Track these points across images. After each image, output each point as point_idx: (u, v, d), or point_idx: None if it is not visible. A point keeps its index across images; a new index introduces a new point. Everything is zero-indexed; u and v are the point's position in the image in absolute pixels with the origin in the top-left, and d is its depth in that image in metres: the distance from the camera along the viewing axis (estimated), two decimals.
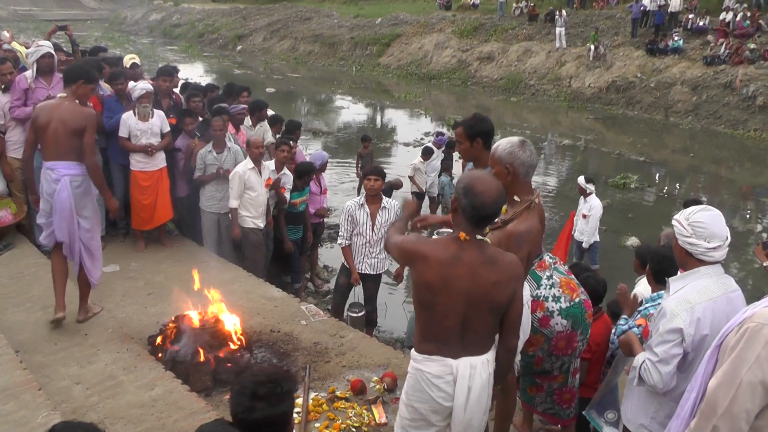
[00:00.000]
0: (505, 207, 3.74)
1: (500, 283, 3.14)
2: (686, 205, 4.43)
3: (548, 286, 4.21)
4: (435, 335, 3.24)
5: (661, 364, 3.12)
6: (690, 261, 3.20)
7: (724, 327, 2.81)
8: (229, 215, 7.54)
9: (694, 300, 3.10)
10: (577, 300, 4.20)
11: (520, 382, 4.66)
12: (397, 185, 10.53)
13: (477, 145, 4.47)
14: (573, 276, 4.41)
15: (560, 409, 4.61)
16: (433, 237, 4.73)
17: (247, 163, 7.33)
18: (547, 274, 4.27)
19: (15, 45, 8.78)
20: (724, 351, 2.70)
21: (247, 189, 7.30)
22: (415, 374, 3.32)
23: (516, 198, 3.69)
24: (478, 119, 4.60)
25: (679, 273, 3.36)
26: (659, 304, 3.97)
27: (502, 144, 3.74)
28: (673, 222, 3.23)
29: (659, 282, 4.51)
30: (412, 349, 3.38)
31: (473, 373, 3.22)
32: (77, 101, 5.47)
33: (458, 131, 4.63)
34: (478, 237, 3.16)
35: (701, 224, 3.11)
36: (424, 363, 3.28)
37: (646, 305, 4.32)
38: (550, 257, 4.36)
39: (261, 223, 7.51)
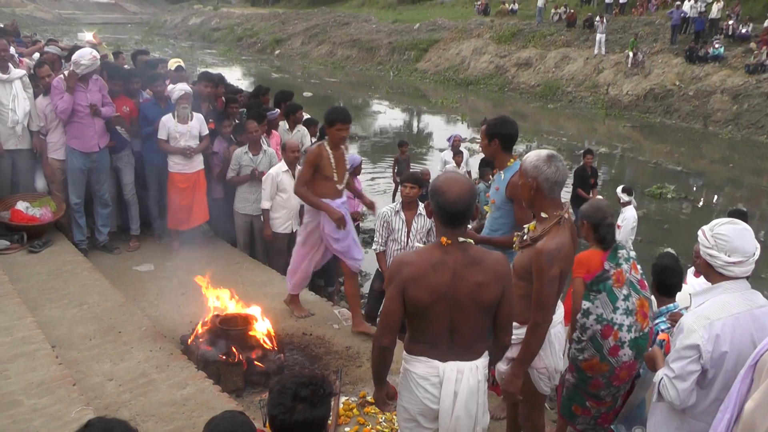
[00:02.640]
0: (533, 224, 3.69)
1: (486, 283, 3.13)
2: (730, 215, 4.33)
3: (624, 313, 4.16)
4: (424, 337, 3.24)
5: (678, 380, 3.05)
6: (712, 273, 3.12)
7: (760, 345, 2.73)
8: (261, 217, 7.59)
9: (713, 316, 3.01)
10: (645, 330, 4.21)
11: (564, 397, 4.59)
12: (425, 174, 10.47)
13: (494, 144, 4.75)
14: (646, 290, 4.39)
15: (600, 429, 4.56)
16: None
17: (281, 166, 7.37)
18: (624, 293, 4.22)
19: (102, 47, 9.03)
20: (760, 371, 2.63)
21: (279, 191, 7.34)
22: (404, 374, 3.35)
23: (543, 214, 3.60)
24: (501, 121, 4.81)
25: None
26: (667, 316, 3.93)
27: (530, 156, 3.64)
28: (699, 232, 3.16)
29: (662, 293, 4.46)
30: (404, 351, 3.38)
31: (460, 378, 3.21)
32: (325, 143, 5.81)
33: (482, 129, 5.00)
34: (461, 240, 3.14)
35: (724, 237, 3.03)
36: (411, 363, 3.29)
37: (657, 321, 4.30)
38: (625, 260, 4.34)
39: (292, 228, 7.52)
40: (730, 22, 25.58)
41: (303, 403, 2.37)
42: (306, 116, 9.37)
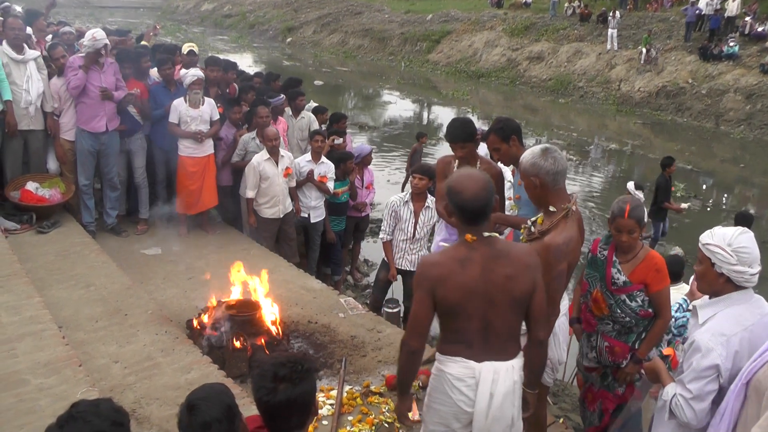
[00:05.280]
0: (540, 217, 3.67)
1: (515, 275, 3.06)
2: (737, 220, 4.25)
3: None
4: (458, 337, 3.15)
5: (696, 401, 2.94)
6: (727, 288, 3.00)
7: (749, 361, 2.70)
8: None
9: (729, 331, 2.91)
10: None
11: None
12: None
13: (514, 143, 4.53)
14: None
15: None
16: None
17: (263, 155, 7.41)
18: None
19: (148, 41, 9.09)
20: (758, 391, 2.59)
21: (262, 179, 7.39)
22: (438, 375, 3.24)
23: (551, 208, 3.57)
24: (504, 120, 4.65)
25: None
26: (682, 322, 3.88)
27: (526, 156, 3.61)
28: (713, 249, 2.99)
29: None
30: (436, 352, 3.31)
31: (496, 379, 3.12)
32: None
33: (491, 139, 4.61)
34: (485, 234, 3.09)
35: (746, 250, 2.93)
36: (446, 364, 3.20)
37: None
38: None
39: (281, 213, 7.55)
40: (747, 19, 25.28)
41: (284, 382, 2.40)
42: (314, 104, 9.36)
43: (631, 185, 9.41)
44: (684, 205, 10.90)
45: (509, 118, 4.72)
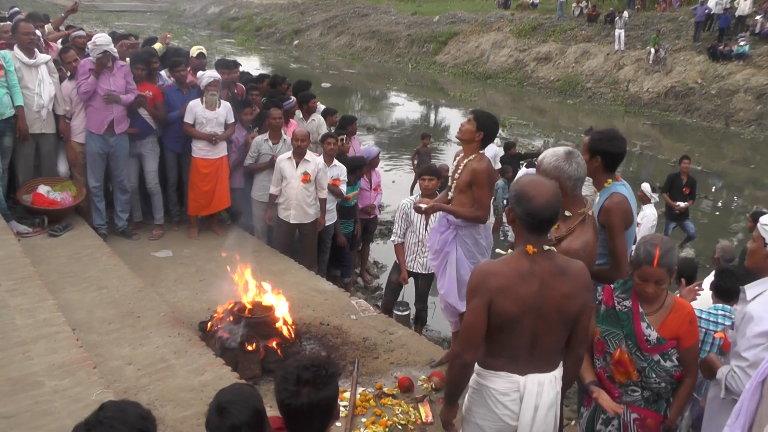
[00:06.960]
0: (556, 224, 3.58)
1: (572, 294, 3.00)
2: (754, 217, 4.23)
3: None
4: (503, 351, 3.09)
5: (752, 368, 2.94)
6: None
7: (764, 361, 2.73)
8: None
9: None
10: None
11: None
12: (443, 169, 10.41)
13: (596, 162, 4.10)
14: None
15: None
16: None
17: (287, 153, 7.43)
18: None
19: (158, 45, 9.13)
20: None
21: (282, 177, 7.39)
22: (480, 390, 3.19)
23: (567, 213, 3.51)
24: (609, 137, 4.16)
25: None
26: (727, 315, 3.85)
27: (548, 157, 3.57)
28: (764, 227, 3.17)
29: (719, 297, 4.46)
30: (476, 365, 3.23)
31: (540, 391, 3.09)
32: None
33: (585, 142, 4.25)
34: (546, 248, 3.01)
35: None
36: (489, 379, 3.14)
37: (716, 319, 4.19)
38: None
39: (293, 219, 7.46)
40: (758, 18, 25.08)
41: (307, 386, 2.39)
42: (322, 107, 9.37)
43: (646, 186, 9.33)
44: (680, 204, 10.79)
45: (617, 137, 4.17)
